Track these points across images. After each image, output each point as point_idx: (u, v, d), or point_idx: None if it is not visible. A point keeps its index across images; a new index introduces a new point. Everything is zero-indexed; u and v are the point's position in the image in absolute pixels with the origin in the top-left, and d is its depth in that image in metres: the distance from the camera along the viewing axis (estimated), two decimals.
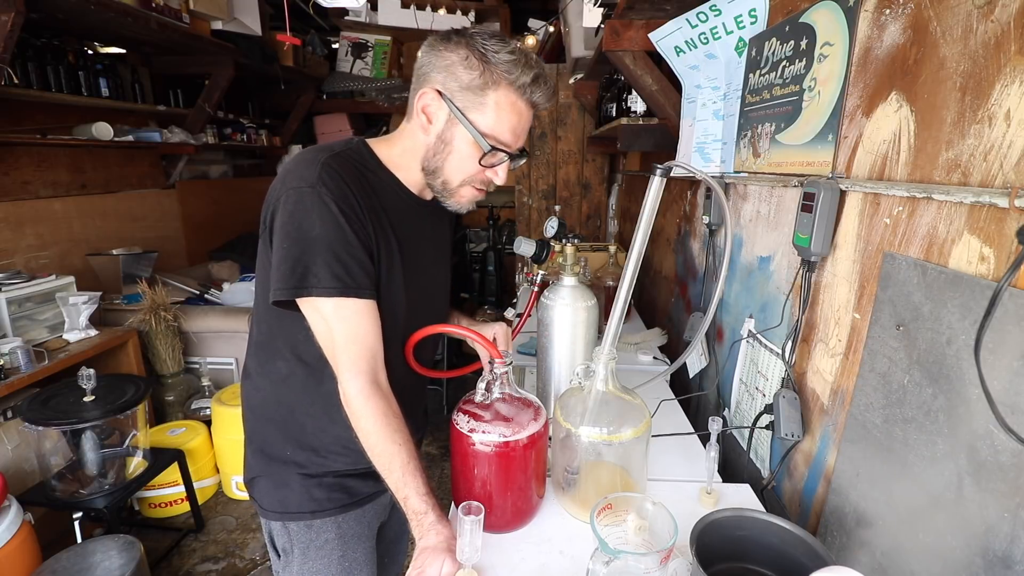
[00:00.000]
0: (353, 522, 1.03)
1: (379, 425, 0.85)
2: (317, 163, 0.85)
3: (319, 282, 0.82)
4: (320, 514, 1.00)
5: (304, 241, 0.82)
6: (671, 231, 2.20)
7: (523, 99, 0.89)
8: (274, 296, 0.84)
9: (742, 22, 1.29)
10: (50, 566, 1.65)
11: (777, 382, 1.13)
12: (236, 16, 3.22)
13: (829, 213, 0.95)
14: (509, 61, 0.85)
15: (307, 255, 0.82)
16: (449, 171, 0.93)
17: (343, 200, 0.84)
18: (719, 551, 0.82)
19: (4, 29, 1.97)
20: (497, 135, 0.89)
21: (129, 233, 3.23)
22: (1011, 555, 0.61)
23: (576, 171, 3.59)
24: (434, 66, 0.88)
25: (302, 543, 1.01)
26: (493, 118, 0.88)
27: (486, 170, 0.93)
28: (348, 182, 0.86)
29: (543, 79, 0.89)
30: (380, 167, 0.95)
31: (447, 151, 0.91)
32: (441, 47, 0.87)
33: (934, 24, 0.74)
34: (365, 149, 0.95)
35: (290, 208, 0.83)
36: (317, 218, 0.82)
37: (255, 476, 1.02)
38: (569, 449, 0.98)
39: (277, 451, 1.00)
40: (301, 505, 0.99)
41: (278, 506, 1.00)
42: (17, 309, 2.17)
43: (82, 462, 1.93)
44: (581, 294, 1.24)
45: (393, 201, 0.95)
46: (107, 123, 2.75)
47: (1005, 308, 0.61)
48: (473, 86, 0.86)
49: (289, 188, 0.84)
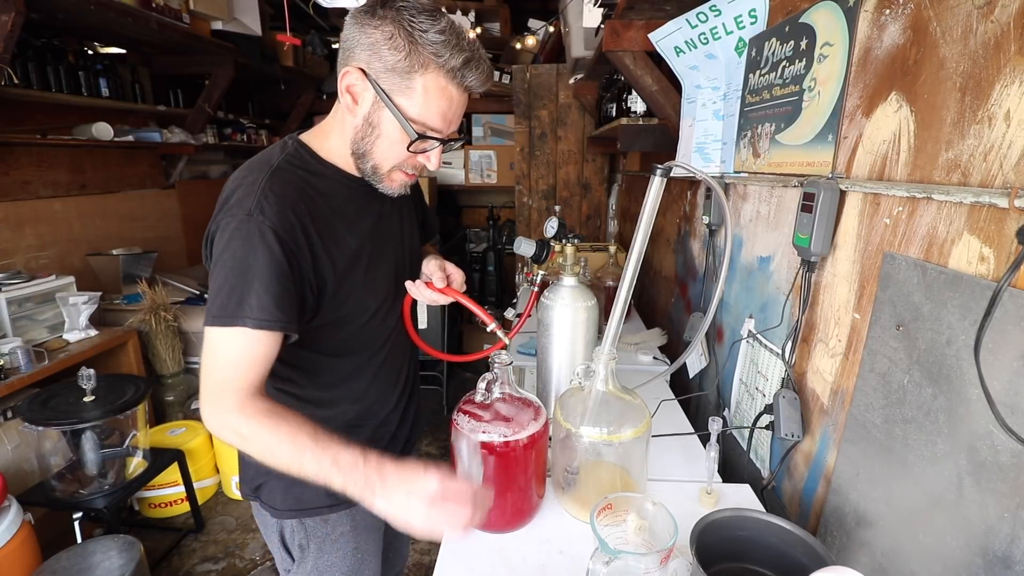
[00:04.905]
0: (366, 513, 1.04)
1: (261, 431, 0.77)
2: (256, 187, 0.82)
3: (252, 313, 0.78)
4: (336, 508, 1.01)
5: (238, 271, 0.79)
6: (671, 231, 2.20)
7: (454, 83, 0.82)
8: (211, 322, 0.80)
9: (742, 22, 1.30)
10: (50, 566, 1.65)
11: (777, 382, 1.13)
12: (236, 16, 3.22)
13: (829, 213, 0.95)
14: (438, 42, 0.79)
15: (241, 286, 0.79)
16: (378, 156, 0.88)
17: (282, 228, 0.81)
18: (719, 551, 0.82)
19: (4, 29, 1.97)
20: (426, 121, 0.84)
21: (129, 233, 3.22)
22: (1011, 555, 0.61)
23: (576, 171, 3.59)
24: (358, 42, 0.81)
25: (319, 537, 1.02)
26: (421, 103, 0.82)
27: (417, 155, 0.89)
28: (290, 203, 0.83)
29: (476, 61, 0.82)
30: (323, 164, 0.92)
31: (375, 134, 0.86)
32: (366, 21, 0.80)
33: (934, 24, 0.74)
34: (304, 150, 0.92)
35: (226, 237, 0.80)
36: (250, 250, 0.79)
37: (264, 481, 1.01)
38: (569, 449, 0.98)
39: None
40: (318, 500, 0.99)
41: (294, 503, 1.00)
42: (17, 309, 2.17)
43: (82, 462, 1.93)
44: (581, 294, 1.24)
45: (344, 196, 0.93)
46: (107, 123, 2.75)
47: (1005, 308, 0.61)
48: (399, 68, 0.80)
49: (227, 215, 0.81)
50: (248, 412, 0.77)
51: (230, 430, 0.78)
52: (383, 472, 0.74)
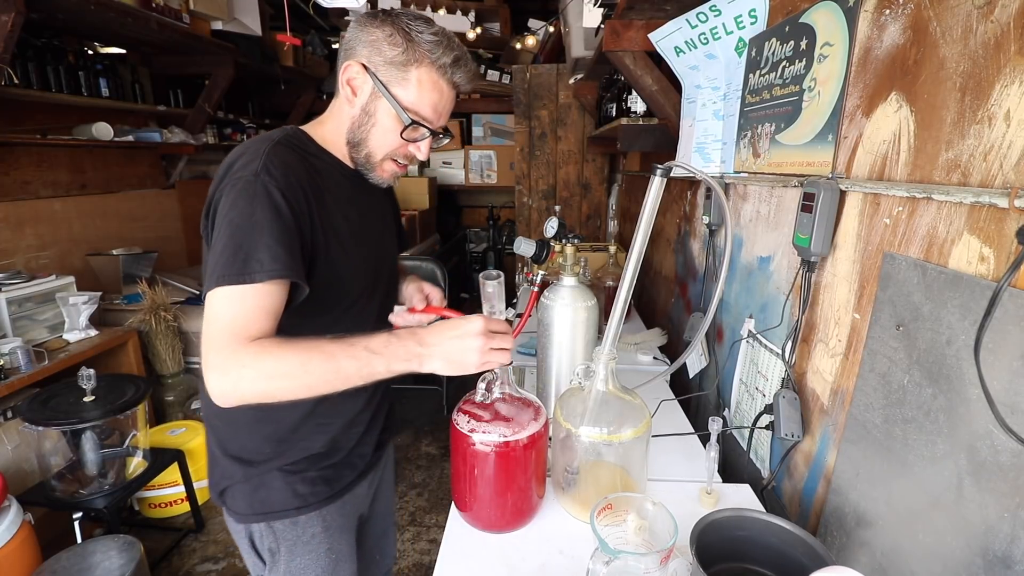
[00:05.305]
0: (336, 514, 1.05)
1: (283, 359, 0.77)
2: (261, 153, 0.85)
3: (262, 267, 0.78)
4: (305, 509, 1.00)
5: (245, 229, 0.80)
6: (671, 231, 2.20)
7: (444, 79, 0.92)
8: (216, 283, 0.78)
9: (742, 22, 1.30)
10: (50, 566, 1.65)
11: (777, 382, 1.13)
12: (236, 16, 3.22)
13: (829, 213, 0.95)
14: (432, 41, 0.89)
15: (249, 242, 0.79)
16: (373, 143, 0.95)
17: (287, 188, 0.83)
18: (719, 551, 0.82)
19: (4, 29, 1.97)
20: (418, 110, 0.92)
21: (129, 233, 3.23)
22: (1011, 555, 0.61)
23: (576, 171, 3.59)
24: (360, 41, 0.90)
25: (289, 540, 1.01)
26: (415, 93, 0.91)
27: (408, 145, 0.96)
28: (292, 168, 0.86)
29: (464, 60, 0.93)
30: (320, 150, 0.96)
31: (371, 123, 0.93)
32: (368, 23, 0.90)
33: (934, 24, 0.74)
34: (303, 135, 0.96)
35: (232, 197, 0.81)
36: (259, 206, 0.80)
37: (228, 485, 0.99)
38: (569, 449, 0.98)
39: (256, 453, 0.98)
40: (286, 502, 0.99)
41: (260, 507, 0.99)
42: (17, 309, 2.17)
43: (82, 462, 1.93)
44: (581, 294, 1.24)
45: (337, 180, 0.96)
46: (107, 123, 2.75)
47: (1005, 308, 0.61)
48: (396, 62, 0.89)
49: (232, 179, 0.83)
50: (264, 344, 0.76)
51: (251, 372, 0.75)
52: (418, 336, 0.81)
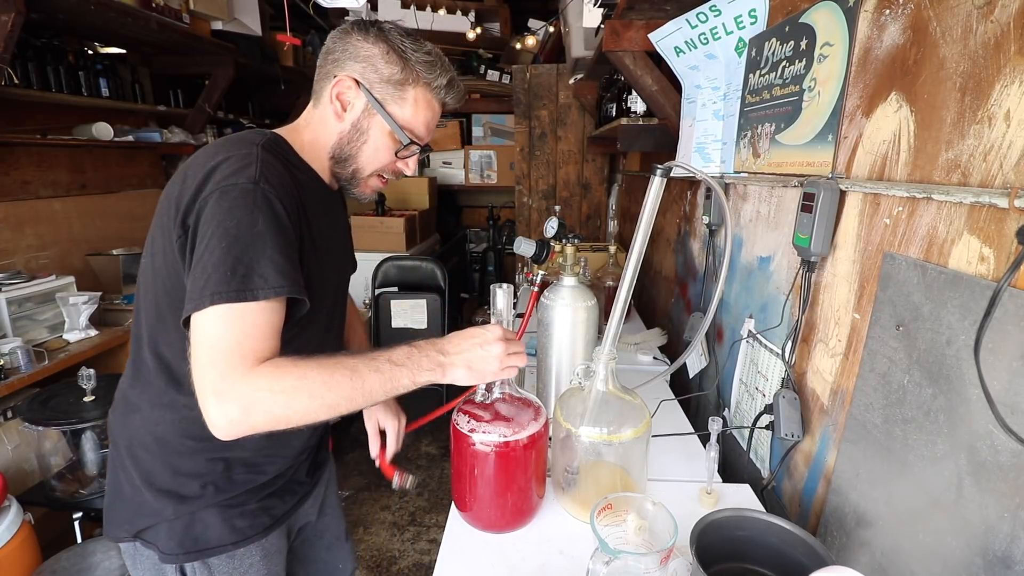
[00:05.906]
0: (275, 539, 1.00)
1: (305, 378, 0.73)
2: (253, 159, 0.79)
3: (266, 282, 0.73)
4: (243, 543, 0.94)
5: (245, 241, 0.74)
6: (671, 231, 2.20)
7: (437, 99, 0.93)
8: (212, 301, 0.71)
9: (742, 22, 1.30)
10: (50, 566, 1.64)
11: (777, 382, 1.13)
12: (236, 16, 3.22)
13: (829, 213, 0.95)
14: (426, 63, 0.90)
15: (249, 255, 0.73)
16: (363, 160, 0.93)
17: (287, 198, 0.79)
18: (719, 551, 0.82)
19: (4, 29, 1.96)
20: (413, 128, 0.92)
21: (129, 233, 3.22)
22: (1011, 555, 0.61)
23: (576, 171, 3.59)
24: (349, 55, 0.88)
25: (225, 574, 0.94)
26: (411, 112, 0.91)
27: (398, 161, 0.95)
28: (283, 177, 0.82)
29: (455, 82, 0.95)
30: (299, 160, 0.92)
31: (362, 140, 0.91)
32: (358, 37, 0.88)
33: (934, 24, 0.74)
34: (284, 143, 0.91)
35: (226, 206, 0.74)
36: (261, 217, 0.75)
37: (155, 523, 0.90)
38: (569, 449, 0.99)
39: (192, 487, 0.90)
40: (223, 538, 0.92)
41: (193, 545, 0.90)
42: (17, 309, 2.17)
43: (82, 462, 1.93)
44: (581, 294, 1.24)
45: (315, 194, 0.92)
46: (107, 123, 2.74)
47: (1005, 308, 0.61)
48: (393, 80, 0.88)
49: (224, 185, 0.76)
50: (280, 364, 0.72)
51: (267, 395, 0.70)
52: (439, 346, 0.82)
